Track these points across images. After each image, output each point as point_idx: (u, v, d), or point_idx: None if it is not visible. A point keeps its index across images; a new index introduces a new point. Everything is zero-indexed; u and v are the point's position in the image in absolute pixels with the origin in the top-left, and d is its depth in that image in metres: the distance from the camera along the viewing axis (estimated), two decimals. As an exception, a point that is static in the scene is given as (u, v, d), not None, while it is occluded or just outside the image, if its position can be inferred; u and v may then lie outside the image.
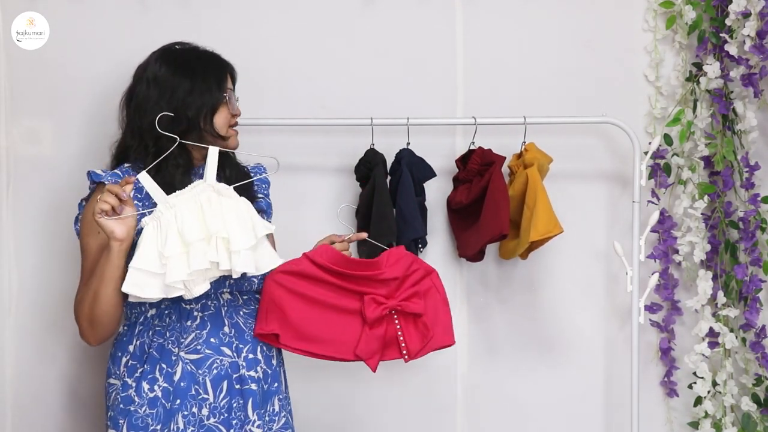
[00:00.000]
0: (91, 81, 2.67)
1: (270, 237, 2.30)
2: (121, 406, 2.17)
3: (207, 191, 2.09)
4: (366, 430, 2.77)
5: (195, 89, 2.21)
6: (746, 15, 2.61)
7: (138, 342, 2.20)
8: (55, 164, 2.67)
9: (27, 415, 2.69)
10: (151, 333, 2.20)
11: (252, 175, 2.34)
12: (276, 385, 2.25)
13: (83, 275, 2.19)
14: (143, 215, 2.08)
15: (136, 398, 2.16)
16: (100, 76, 2.66)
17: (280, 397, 2.26)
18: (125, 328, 2.24)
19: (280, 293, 2.19)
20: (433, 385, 2.78)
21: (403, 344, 2.23)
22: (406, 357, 2.24)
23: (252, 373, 2.19)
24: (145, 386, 2.16)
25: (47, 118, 2.68)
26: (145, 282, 2.04)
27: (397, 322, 2.23)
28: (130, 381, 2.18)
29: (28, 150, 2.68)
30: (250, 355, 2.20)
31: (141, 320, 2.22)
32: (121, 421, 2.17)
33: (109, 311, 2.12)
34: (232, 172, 2.28)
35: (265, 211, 2.32)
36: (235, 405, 2.18)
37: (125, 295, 2.12)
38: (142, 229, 2.09)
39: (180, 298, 2.15)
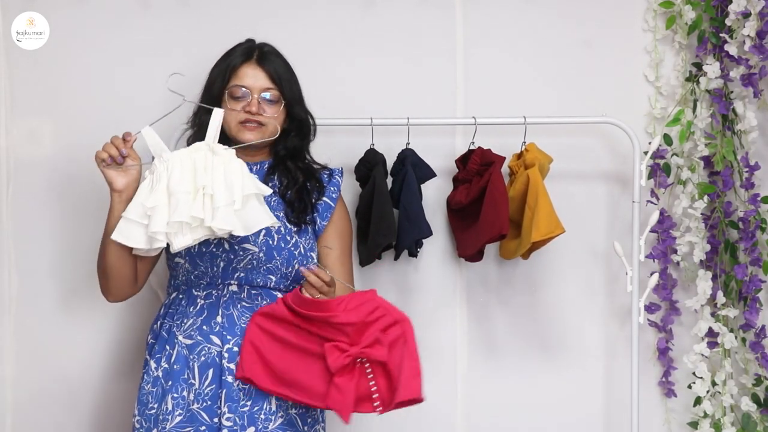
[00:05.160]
0: (91, 81, 2.67)
1: (345, 270, 2.33)
2: (140, 382, 2.26)
3: (203, 150, 2.13)
4: (365, 429, 2.77)
5: (208, 85, 2.32)
6: (746, 15, 2.60)
7: (159, 322, 2.28)
8: (55, 164, 2.67)
9: (27, 415, 2.69)
10: (167, 315, 2.27)
11: (321, 175, 2.35)
12: None
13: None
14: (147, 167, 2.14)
15: (145, 375, 2.25)
16: (100, 76, 2.67)
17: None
18: (159, 310, 2.33)
19: (257, 335, 2.15)
20: (433, 385, 2.77)
21: (376, 395, 2.09)
22: (380, 409, 2.09)
23: (232, 366, 2.19)
24: (152, 365, 2.24)
25: (47, 118, 2.68)
26: (131, 231, 2.09)
27: (369, 370, 2.10)
28: (147, 358, 2.26)
29: (28, 150, 2.68)
30: (235, 348, 2.20)
31: (167, 302, 2.30)
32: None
33: (115, 264, 2.20)
34: (295, 164, 2.32)
35: (319, 213, 2.32)
36: (221, 394, 2.19)
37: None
38: None
39: (192, 284, 2.24)
